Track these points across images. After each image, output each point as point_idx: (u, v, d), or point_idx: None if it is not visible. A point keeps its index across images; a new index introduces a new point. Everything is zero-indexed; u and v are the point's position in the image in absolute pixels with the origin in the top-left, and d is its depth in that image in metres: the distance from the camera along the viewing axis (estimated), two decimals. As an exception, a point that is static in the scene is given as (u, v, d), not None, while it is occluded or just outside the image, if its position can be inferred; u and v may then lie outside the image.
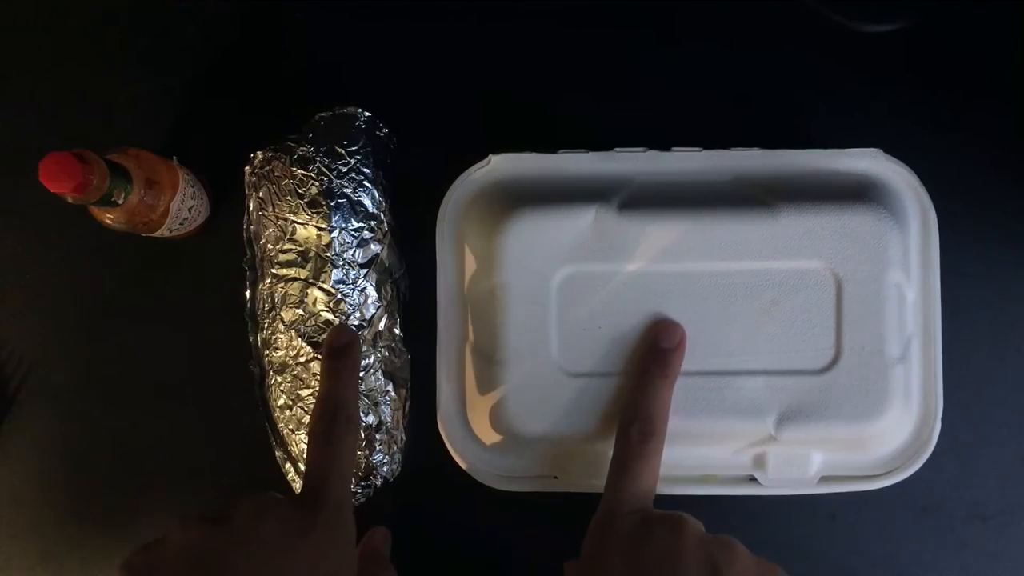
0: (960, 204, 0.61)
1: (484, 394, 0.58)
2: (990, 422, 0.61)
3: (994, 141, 0.62)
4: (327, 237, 0.58)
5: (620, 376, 0.56)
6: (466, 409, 0.59)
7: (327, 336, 0.51)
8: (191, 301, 0.64)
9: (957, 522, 0.62)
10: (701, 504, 0.62)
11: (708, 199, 0.57)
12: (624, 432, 0.52)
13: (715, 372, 0.56)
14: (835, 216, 0.56)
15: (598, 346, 0.57)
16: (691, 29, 0.64)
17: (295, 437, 0.58)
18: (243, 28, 0.65)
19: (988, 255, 0.62)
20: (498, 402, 0.57)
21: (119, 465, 0.64)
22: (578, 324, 0.57)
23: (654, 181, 0.58)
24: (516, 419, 0.57)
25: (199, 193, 0.61)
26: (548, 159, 0.59)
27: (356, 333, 0.52)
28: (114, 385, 0.64)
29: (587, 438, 0.57)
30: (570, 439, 0.57)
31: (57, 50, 0.65)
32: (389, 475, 0.60)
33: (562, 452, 0.58)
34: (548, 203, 0.57)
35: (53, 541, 0.64)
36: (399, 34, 0.64)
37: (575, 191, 0.58)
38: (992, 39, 0.63)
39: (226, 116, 0.65)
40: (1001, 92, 0.63)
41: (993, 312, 0.62)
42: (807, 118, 0.63)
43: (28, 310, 0.64)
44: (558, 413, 0.57)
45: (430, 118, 0.63)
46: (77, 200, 0.50)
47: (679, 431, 0.56)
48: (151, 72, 0.65)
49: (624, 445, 0.52)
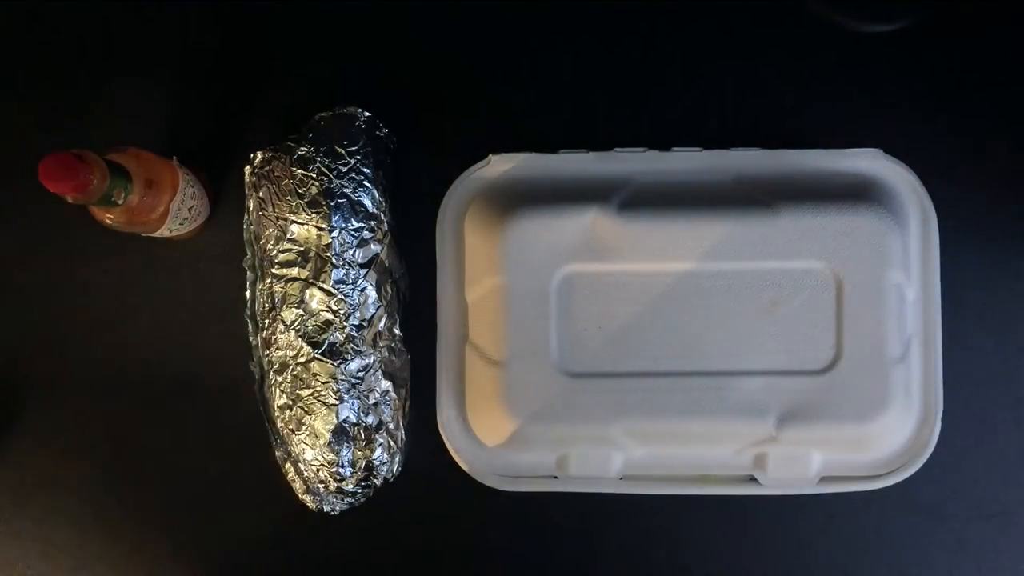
0: (960, 204, 0.61)
1: (484, 394, 0.58)
2: (990, 422, 0.61)
3: (994, 141, 0.62)
4: (327, 237, 0.58)
5: (620, 376, 0.56)
6: (466, 409, 0.59)
7: None
8: (191, 301, 0.64)
9: (957, 522, 0.62)
10: (701, 504, 0.62)
11: (708, 199, 0.57)
12: None
13: (715, 372, 0.56)
14: (835, 216, 0.56)
15: (598, 346, 0.57)
16: (691, 29, 0.64)
17: (295, 437, 0.58)
18: (243, 28, 0.65)
19: (988, 255, 0.62)
20: (498, 402, 0.57)
21: (119, 465, 0.64)
22: (578, 324, 0.57)
23: (654, 181, 0.58)
24: (516, 419, 0.57)
25: (199, 193, 0.61)
26: (548, 159, 0.59)
27: None
28: (114, 385, 0.64)
29: (587, 438, 0.57)
30: (570, 439, 0.57)
31: (57, 50, 0.65)
32: (389, 475, 0.60)
33: (562, 452, 0.58)
34: (548, 203, 0.57)
35: (53, 541, 0.64)
36: (399, 34, 0.64)
37: (575, 191, 0.58)
38: (992, 39, 0.63)
39: (226, 116, 0.65)
40: (1001, 92, 0.63)
41: (993, 312, 0.62)
42: (807, 118, 0.63)
43: (28, 310, 0.64)
44: (558, 413, 0.57)
45: (430, 118, 0.63)
46: (77, 200, 0.50)
47: (680, 431, 0.56)
48: (151, 72, 0.65)
49: None
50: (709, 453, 0.58)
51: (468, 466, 0.59)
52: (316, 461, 0.57)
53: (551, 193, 0.58)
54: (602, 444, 0.57)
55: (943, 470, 0.61)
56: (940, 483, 0.61)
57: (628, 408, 0.56)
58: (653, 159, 0.59)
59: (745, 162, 0.58)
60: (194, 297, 0.64)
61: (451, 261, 0.59)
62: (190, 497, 0.63)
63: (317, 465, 0.57)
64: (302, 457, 0.58)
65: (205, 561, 0.63)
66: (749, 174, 0.58)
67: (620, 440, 0.57)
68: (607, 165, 0.59)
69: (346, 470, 0.58)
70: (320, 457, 0.57)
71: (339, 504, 0.59)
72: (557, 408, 0.57)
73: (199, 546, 0.63)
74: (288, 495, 0.60)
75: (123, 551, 0.64)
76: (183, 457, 0.64)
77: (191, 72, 0.65)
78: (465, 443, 0.59)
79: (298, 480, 0.59)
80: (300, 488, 0.59)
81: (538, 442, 0.58)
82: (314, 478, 0.58)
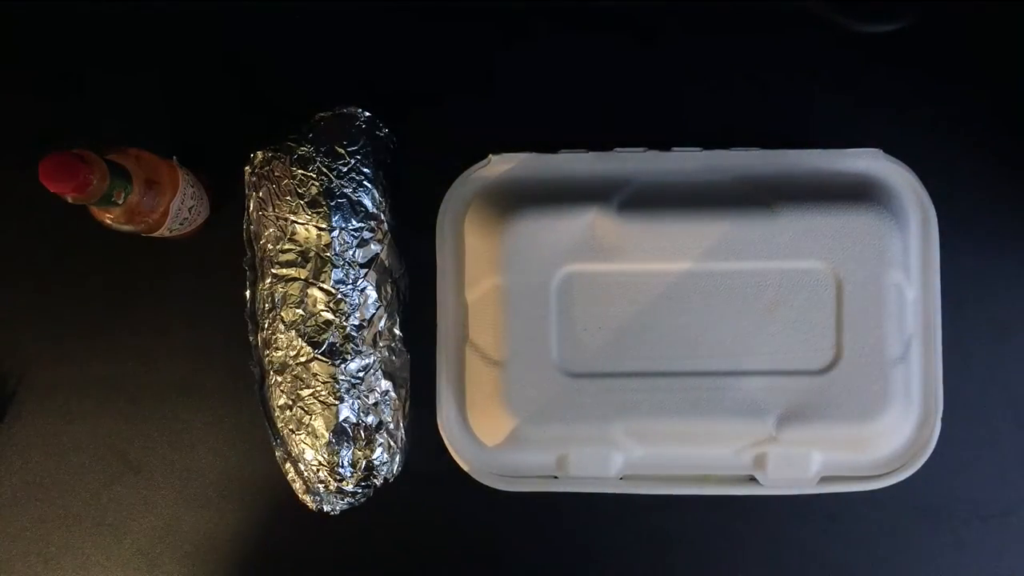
0: (960, 204, 0.61)
1: (484, 394, 0.58)
2: (990, 422, 0.61)
3: (994, 141, 0.62)
4: (327, 237, 0.58)
5: (620, 376, 0.56)
6: (466, 409, 0.59)
7: None
8: (191, 301, 0.64)
9: (957, 522, 0.62)
10: (701, 504, 0.62)
11: (708, 199, 0.57)
12: None
13: (715, 372, 0.56)
14: (835, 216, 0.56)
15: (598, 346, 0.57)
16: (691, 29, 0.64)
17: (295, 437, 0.58)
18: (243, 28, 0.65)
19: (988, 255, 0.62)
20: (498, 402, 0.57)
21: (119, 465, 0.64)
22: (578, 324, 0.57)
23: (654, 181, 0.58)
24: (516, 419, 0.57)
25: (199, 193, 0.61)
26: (548, 159, 0.59)
27: None
28: (114, 385, 0.64)
29: (587, 438, 0.57)
30: (570, 439, 0.57)
31: (57, 50, 0.65)
32: (389, 475, 0.60)
33: (562, 451, 0.58)
34: (548, 203, 0.57)
35: (52, 541, 0.64)
36: (399, 34, 0.64)
37: (575, 191, 0.58)
38: (992, 39, 0.63)
39: (226, 116, 0.65)
40: (1001, 92, 0.63)
41: (993, 312, 0.62)
42: (807, 118, 0.63)
43: (28, 310, 0.64)
44: (558, 413, 0.57)
45: (430, 118, 0.63)
46: (77, 200, 0.50)
47: (680, 431, 0.56)
48: (151, 72, 0.65)
49: None
50: (709, 453, 0.58)
51: (468, 466, 0.59)
52: (316, 461, 0.57)
53: (551, 193, 0.58)
54: (602, 444, 0.57)
55: (943, 470, 0.60)
56: (940, 483, 0.61)
57: (628, 408, 0.56)
58: (653, 159, 0.59)
59: (745, 162, 0.58)
60: (194, 297, 0.64)
61: (451, 261, 0.59)
62: (190, 497, 0.63)
63: (317, 465, 0.57)
64: (302, 457, 0.58)
65: (205, 561, 0.63)
66: (749, 174, 0.58)
67: (620, 440, 0.57)
68: (607, 165, 0.59)
69: (346, 470, 0.58)
70: (320, 457, 0.57)
71: (339, 504, 0.59)
72: (557, 408, 0.57)
73: (199, 546, 0.63)
74: (288, 495, 0.60)
75: (123, 551, 0.64)
76: (183, 457, 0.64)
77: (191, 72, 0.65)
78: (465, 443, 0.59)
79: (298, 480, 0.59)
80: (300, 488, 0.59)
81: (538, 442, 0.57)
82: (314, 478, 0.58)
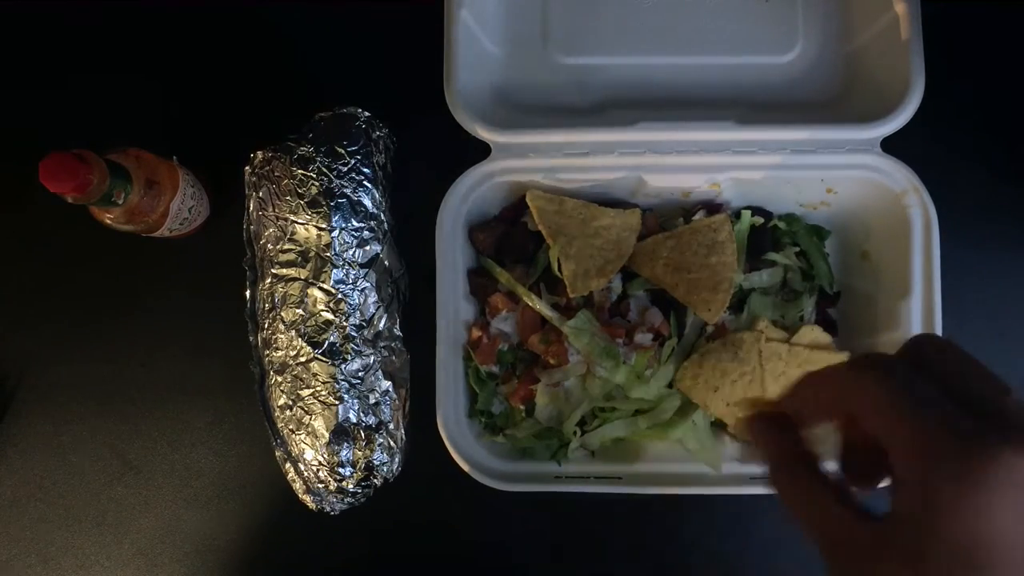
0: (960, 204, 0.61)
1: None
2: (990, 422, 0.61)
3: (994, 141, 0.63)
4: (327, 237, 0.58)
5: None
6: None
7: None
8: (191, 301, 0.64)
9: (957, 522, 0.61)
10: (701, 504, 0.62)
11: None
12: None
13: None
14: None
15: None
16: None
17: (295, 437, 0.58)
18: (243, 28, 0.65)
19: (988, 255, 0.62)
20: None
21: (119, 465, 0.64)
22: None
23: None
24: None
25: (199, 193, 0.61)
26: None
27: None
28: (113, 385, 0.64)
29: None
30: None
31: (58, 50, 0.65)
32: (389, 475, 0.60)
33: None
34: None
35: (53, 541, 0.64)
36: (399, 34, 0.64)
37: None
38: (992, 39, 0.63)
39: (226, 116, 0.65)
40: (1001, 92, 0.63)
41: (992, 312, 0.62)
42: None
43: (28, 310, 0.64)
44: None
45: (430, 118, 0.63)
46: (77, 200, 0.50)
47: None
48: (151, 73, 0.65)
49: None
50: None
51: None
52: (316, 461, 0.57)
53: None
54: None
55: (943, 470, 0.60)
56: (940, 483, 0.61)
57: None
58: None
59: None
60: (194, 297, 0.64)
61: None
62: (190, 497, 0.63)
63: (317, 465, 0.57)
64: (302, 457, 0.58)
65: (205, 561, 0.63)
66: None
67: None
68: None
69: (346, 470, 0.58)
70: (320, 457, 0.57)
71: (339, 504, 0.59)
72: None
73: (199, 546, 0.63)
74: (288, 495, 0.60)
75: (123, 551, 0.64)
76: (183, 457, 0.64)
77: (191, 72, 0.65)
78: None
79: (298, 480, 0.59)
80: (300, 488, 0.59)
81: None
82: (314, 478, 0.58)
